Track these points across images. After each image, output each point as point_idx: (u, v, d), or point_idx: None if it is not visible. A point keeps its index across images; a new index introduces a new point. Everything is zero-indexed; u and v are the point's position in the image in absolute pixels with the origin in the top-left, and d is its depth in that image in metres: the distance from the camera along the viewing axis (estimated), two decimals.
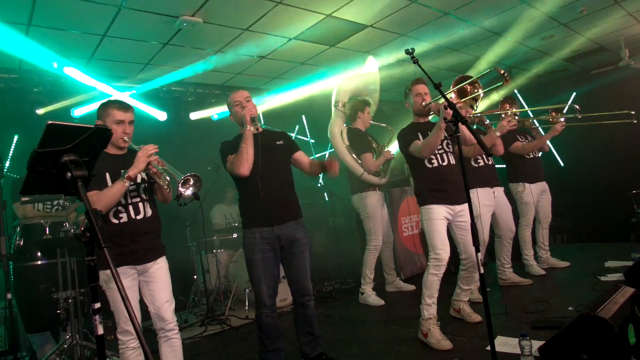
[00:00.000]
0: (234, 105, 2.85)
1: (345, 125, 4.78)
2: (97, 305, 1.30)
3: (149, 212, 2.46)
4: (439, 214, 3.10)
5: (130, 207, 2.38)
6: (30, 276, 3.22)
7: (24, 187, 1.37)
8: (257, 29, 4.39)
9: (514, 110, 4.12)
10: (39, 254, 3.25)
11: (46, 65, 4.34)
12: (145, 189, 2.48)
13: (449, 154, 3.20)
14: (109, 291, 2.31)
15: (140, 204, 2.42)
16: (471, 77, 2.99)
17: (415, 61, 2.17)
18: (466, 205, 3.15)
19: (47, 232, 3.27)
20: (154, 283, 2.41)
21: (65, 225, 3.33)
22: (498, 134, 3.74)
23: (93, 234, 1.25)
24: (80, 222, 3.53)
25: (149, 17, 3.83)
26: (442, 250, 3.07)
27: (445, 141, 3.23)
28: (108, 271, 2.25)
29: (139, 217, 2.40)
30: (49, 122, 1.27)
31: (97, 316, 1.29)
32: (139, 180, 2.45)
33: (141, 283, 2.42)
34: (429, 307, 3.07)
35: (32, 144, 1.31)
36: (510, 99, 4.36)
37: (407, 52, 2.22)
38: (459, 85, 3.03)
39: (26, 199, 3.54)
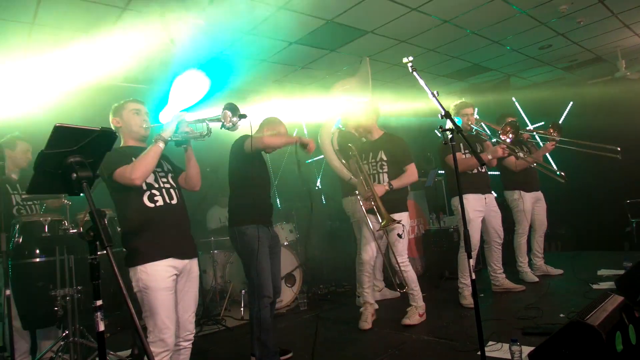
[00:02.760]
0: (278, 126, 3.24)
1: (336, 128, 4.81)
2: (99, 302, 1.33)
3: (180, 201, 2.39)
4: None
5: (164, 191, 2.31)
6: (29, 273, 3.23)
7: (30, 186, 1.41)
8: (258, 32, 4.44)
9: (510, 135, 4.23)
10: (38, 251, 3.26)
11: None
12: (173, 177, 2.43)
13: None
14: (147, 293, 2.12)
15: (172, 190, 2.36)
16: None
17: (413, 70, 2.22)
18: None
19: (46, 230, 3.28)
20: (189, 293, 2.35)
21: (65, 223, 3.35)
22: (490, 157, 4.00)
23: (96, 234, 1.29)
24: (79, 220, 3.56)
25: (152, 19, 3.86)
26: (363, 252, 3.82)
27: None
28: (148, 267, 2.13)
29: (174, 202, 2.33)
30: (57, 124, 1.31)
31: (98, 313, 1.32)
32: (165, 168, 2.42)
33: (177, 287, 2.28)
34: (360, 297, 3.92)
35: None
36: (512, 124, 4.30)
37: (405, 60, 2.27)
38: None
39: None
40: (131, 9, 3.64)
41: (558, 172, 4.41)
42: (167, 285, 2.16)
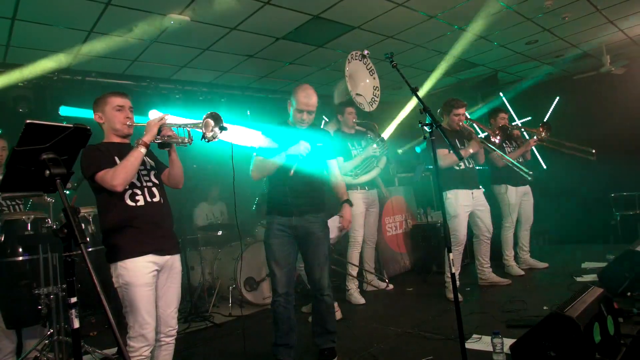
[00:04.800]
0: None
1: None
2: (74, 299, 1.33)
3: (163, 199, 2.39)
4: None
5: (146, 190, 2.30)
6: (12, 272, 3.20)
7: (2, 184, 1.39)
8: (245, 28, 4.42)
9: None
10: (21, 249, 3.23)
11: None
12: (155, 174, 2.42)
13: None
14: (127, 289, 2.13)
15: (154, 188, 2.35)
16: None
17: (394, 66, 2.23)
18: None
19: (29, 228, 3.25)
20: (171, 288, 2.34)
21: (48, 221, 3.32)
22: (471, 150, 4.10)
23: (70, 231, 1.28)
24: (62, 218, 3.52)
25: (136, 14, 3.83)
26: None
27: None
28: (128, 263, 2.13)
29: (155, 200, 2.32)
30: (28, 120, 1.30)
31: (73, 310, 1.32)
32: (147, 166, 2.40)
33: (158, 282, 2.29)
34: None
35: (15, 139, 1.33)
36: (503, 129, 4.72)
37: (386, 56, 2.27)
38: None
39: None
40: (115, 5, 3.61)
41: (527, 171, 4.61)
42: (147, 281, 2.16)
